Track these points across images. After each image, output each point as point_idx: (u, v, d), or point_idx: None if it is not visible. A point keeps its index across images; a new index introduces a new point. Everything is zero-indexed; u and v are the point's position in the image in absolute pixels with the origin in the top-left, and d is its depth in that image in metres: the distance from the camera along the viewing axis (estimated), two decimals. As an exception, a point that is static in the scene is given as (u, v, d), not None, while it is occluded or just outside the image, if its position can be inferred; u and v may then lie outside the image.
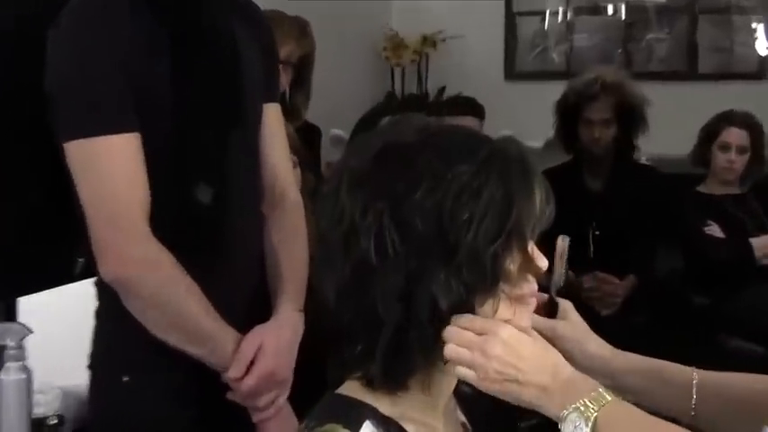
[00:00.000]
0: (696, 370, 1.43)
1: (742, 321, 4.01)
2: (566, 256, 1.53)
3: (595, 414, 1.15)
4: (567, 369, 1.22)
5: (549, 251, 1.26)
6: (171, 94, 1.76)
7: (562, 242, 1.52)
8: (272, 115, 2.05)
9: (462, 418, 1.38)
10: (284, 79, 3.05)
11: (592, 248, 4.26)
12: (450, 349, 1.19)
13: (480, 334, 1.18)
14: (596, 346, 1.47)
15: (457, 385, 1.29)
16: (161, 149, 1.75)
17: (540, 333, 1.46)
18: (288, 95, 3.27)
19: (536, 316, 1.47)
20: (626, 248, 4.26)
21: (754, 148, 4.32)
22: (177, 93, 1.76)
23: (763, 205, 4.36)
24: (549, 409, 1.19)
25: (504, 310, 1.20)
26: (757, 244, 4.21)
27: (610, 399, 1.17)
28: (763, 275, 4.17)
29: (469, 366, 1.20)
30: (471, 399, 1.40)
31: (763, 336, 3.91)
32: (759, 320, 3.95)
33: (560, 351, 1.40)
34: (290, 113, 3.26)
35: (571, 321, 1.47)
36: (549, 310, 1.49)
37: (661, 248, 4.42)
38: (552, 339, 1.45)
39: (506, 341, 1.18)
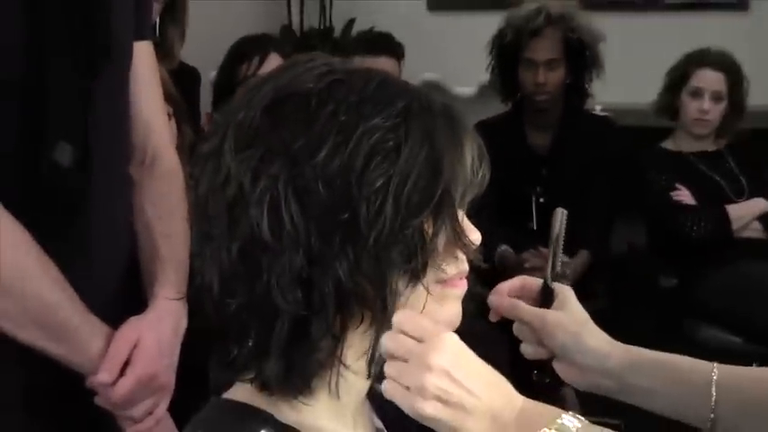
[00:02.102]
0: (717, 365, 1.46)
1: (716, 307, 4.06)
2: (563, 234, 1.55)
3: None
4: (518, 395, 1.22)
5: (479, 222, 1.27)
6: (20, 32, 1.74)
7: (560, 216, 1.54)
8: (144, 57, 2.04)
9: (378, 423, 1.39)
10: (154, 8, 3.03)
11: (535, 218, 4.31)
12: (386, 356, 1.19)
13: (420, 341, 1.18)
14: (595, 339, 1.50)
15: (371, 387, 1.31)
16: (9, 100, 1.73)
17: (528, 323, 1.49)
18: (158, 29, 3.25)
19: (522, 303, 1.50)
20: (577, 218, 4.30)
21: (731, 96, 4.38)
22: (28, 29, 1.74)
23: (741, 165, 4.43)
24: None
25: (428, 296, 1.21)
26: (735, 212, 4.25)
27: (573, 429, 1.19)
28: (741, 251, 4.21)
29: (398, 379, 1.19)
30: (389, 402, 1.42)
31: (742, 324, 4.00)
32: (737, 306, 4.03)
33: (550, 345, 1.44)
34: (162, 52, 3.25)
35: (569, 311, 1.51)
36: (543, 298, 1.52)
37: (619, 218, 4.48)
38: (540, 330, 1.48)
39: (455, 352, 1.17)
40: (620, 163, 4.38)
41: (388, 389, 1.19)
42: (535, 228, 4.31)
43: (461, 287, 1.27)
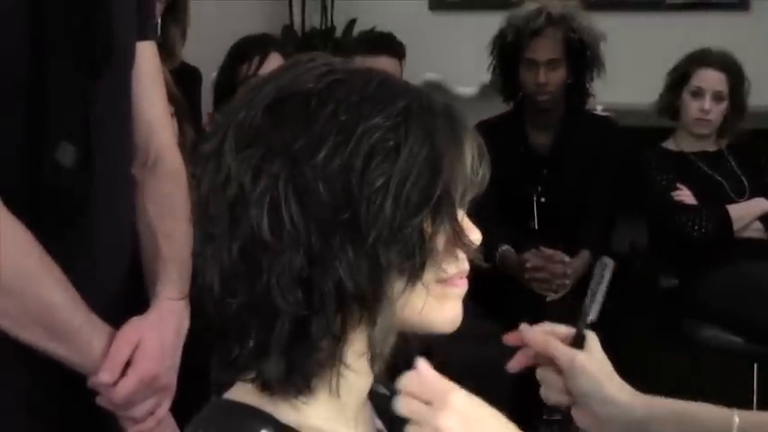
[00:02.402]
0: (738, 411, 1.46)
1: (717, 307, 4.06)
2: (606, 284, 1.55)
3: None
4: None
5: (480, 221, 1.27)
6: (22, 32, 1.74)
7: (603, 267, 1.54)
8: (148, 57, 2.04)
9: (379, 424, 1.39)
10: (156, 8, 3.04)
11: (536, 218, 4.32)
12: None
13: (427, 403, 1.18)
14: (618, 390, 1.50)
15: (372, 388, 1.31)
16: (11, 100, 1.73)
17: (557, 359, 1.49)
18: (159, 29, 3.24)
19: (557, 342, 1.50)
20: (578, 218, 4.31)
21: (732, 96, 4.38)
22: (30, 30, 1.74)
23: (742, 165, 4.43)
24: None
25: (428, 296, 1.22)
26: (736, 212, 4.25)
27: None
28: (742, 251, 4.21)
29: None
30: (389, 402, 1.42)
31: (743, 324, 3.99)
32: (737, 306, 4.02)
33: (573, 390, 1.44)
34: (163, 52, 3.25)
35: (593, 356, 1.50)
36: (574, 343, 1.53)
37: (621, 218, 4.48)
38: (568, 372, 1.48)
39: (462, 412, 1.18)
40: (622, 163, 4.38)
41: None
42: (536, 227, 4.32)
43: (462, 286, 1.27)
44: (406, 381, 1.18)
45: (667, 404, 1.50)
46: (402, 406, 1.19)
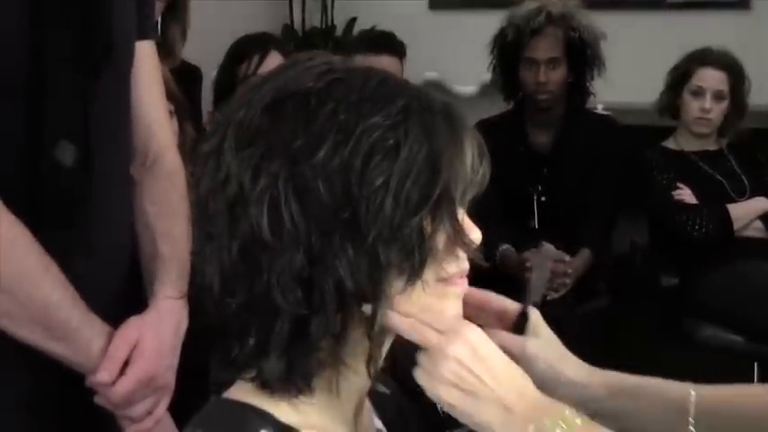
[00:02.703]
0: (693, 386, 1.46)
1: (717, 306, 4.07)
2: (547, 266, 1.54)
3: None
4: (533, 389, 1.26)
5: (480, 221, 1.27)
6: (21, 32, 1.74)
7: (543, 250, 1.54)
8: (147, 56, 2.04)
9: (379, 424, 1.39)
10: (156, 8, 3.03)
11: (536, 217, 4.32)
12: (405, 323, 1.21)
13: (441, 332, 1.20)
14: (574, 370, 1.49)
15: (372, 387, 1.31)
16: (10, 99, 1.73)
17: (507, 350, 1.49)
18: (160, 28, 3.25)
19: (503, 332, 1.49)
20: (578, 217, 4.31)
21: (732, 95, 4.38)
22: (29, 29, 1.74)
23: (743, 164, 4.42)
24: None
25: (428, 295, 1.22)
26: (736, 212, 4.25)
27: (579, 423, 1.22)
28: (743, 251, 4.20)
29: (422, 364, 1.23)
30: (389, 402, 1.42)
31: (743, 323, 3.99)
32: (737, 305, 4.03)
33: (530, 376, 1.44)
34: (164, 51, 3.25)
35: (544, 339, 1.49)
36: (517, 324, 1.51)
37: (621, 218, 4.49)
38: (522, 360, 1.48)
39: (474, 344, 1.20)
40: (622, 162, 4.38)
41: (416, 373, 1.24)
42: (536, 227, 4.32)
43: (462, 285, 1.27)
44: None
45: (624, 379, 1.50)
46: (415, 333, 1.21)
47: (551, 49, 4.26)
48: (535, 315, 1.50)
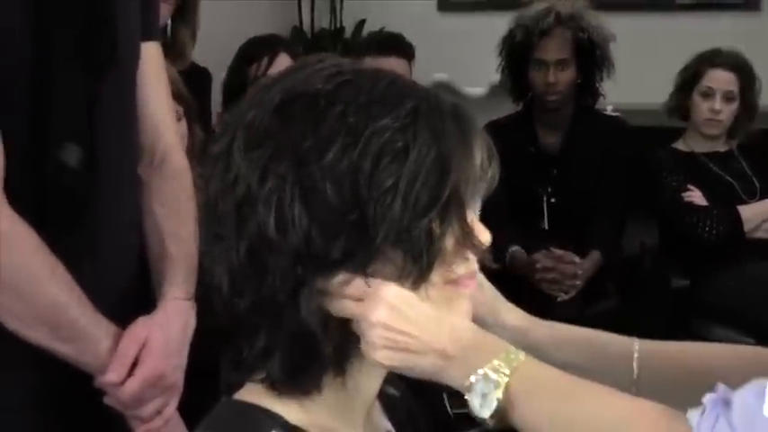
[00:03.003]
0: (637, 340, 1.47)
1: (728, 308, 4.06)
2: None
3: (506, 379, 1.18)
4: (468, 330, 1.24)
5: (489, 222, 1.27)
6: (26, 34, 1.74)
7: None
8: (152, 57, 2.04)
9: (388, 425, 1.39)
10: (165, 10, 3.04)
11: (546, 219, 4.31)
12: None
13: (359, 300, 1.19)
14: (513, 315, 1.49)
15: (381, 388, 1.31)
16: (16, 100, 1.74)
17: None
18: (169, 30, 3.25)
19: None
20: (588, 219, 4.31)
21: (742, 96, 4.37)
22: (34, 31, 1.75)
23: (753, 165, 4.41)
24: (452, 378, 1.21)
25: (436, 298, 1.21)
26: (747, 213, 4.24)
27: (522, 359, 1.20)
28: (753, 252, 4.20)
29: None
30: (399, 404, 1.42)
31: (753, 324, 3.97)
32: (748, 307, 4.01)
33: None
34: (173, 53, 3.26)
35: (481, 287, 1.46)
36: None
37: (631, 219, 4.48)
38: None
39: (393, 303, 1.19)
40: (632, 163, 4.37)
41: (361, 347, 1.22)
42: (546, 228, 4.32)
43: (471, 287, 1.27)
44: (335, 282, 1.18)
45: (567, 329, 1.49)
46: (335, 305, 1.19)
47: (560, 50, 4.26)
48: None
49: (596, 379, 1.36)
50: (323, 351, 1.18)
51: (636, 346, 1.46)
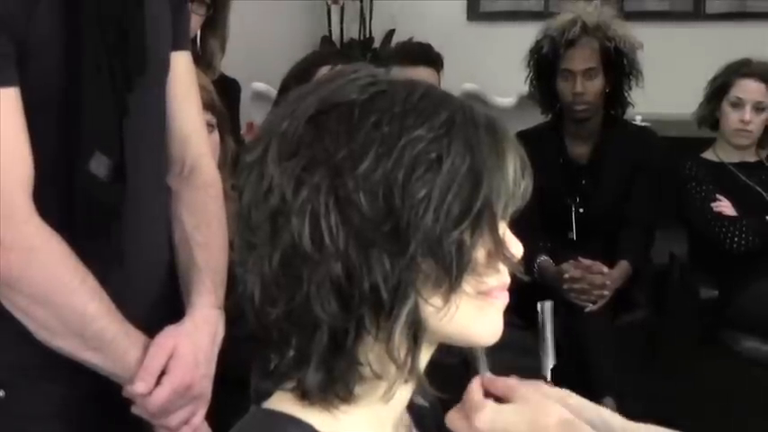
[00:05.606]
0: None
1: (757, 318, 4.05)
2: (550, 322, 1.52)
3: None
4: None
5: (518, 232, 1.27)
6: (57, 45, 1.75)
7: (542, 311, 1.51)
8: (182, 67, 2.05)
9: (419, 436, 1.39)
10: (195, 21, 3.05)
11: (575, 229, 4.31)
12: None
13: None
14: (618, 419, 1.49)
15: (411, 399, 1.31)
16: (46, 111, 1.75)
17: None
18: (199, 41, 3.26)
19: (547, 387, 1.49)
20: (616, 229, 4.30)
21: (773, 106, 4.34)
22: (65, 43, 1.75)
23: (783, 176, 4.38)
24: None
25: (468, 308, 1.21)
26: (776, 224, 4.22)
27: None
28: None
29: None
30: (429, 415, 1.42)
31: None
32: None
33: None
34: (202, 64, 3.27)
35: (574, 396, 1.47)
36: None
37: (660, 229, 4.47)
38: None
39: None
40: (661, 173, 4.36)
41: None
42: (575, 238, 4.31)
43: (503, 298, 1.26)
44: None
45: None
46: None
47: (587, 59, 4.26)
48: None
49: None
50: (357, 362, 1.18)
51: None
